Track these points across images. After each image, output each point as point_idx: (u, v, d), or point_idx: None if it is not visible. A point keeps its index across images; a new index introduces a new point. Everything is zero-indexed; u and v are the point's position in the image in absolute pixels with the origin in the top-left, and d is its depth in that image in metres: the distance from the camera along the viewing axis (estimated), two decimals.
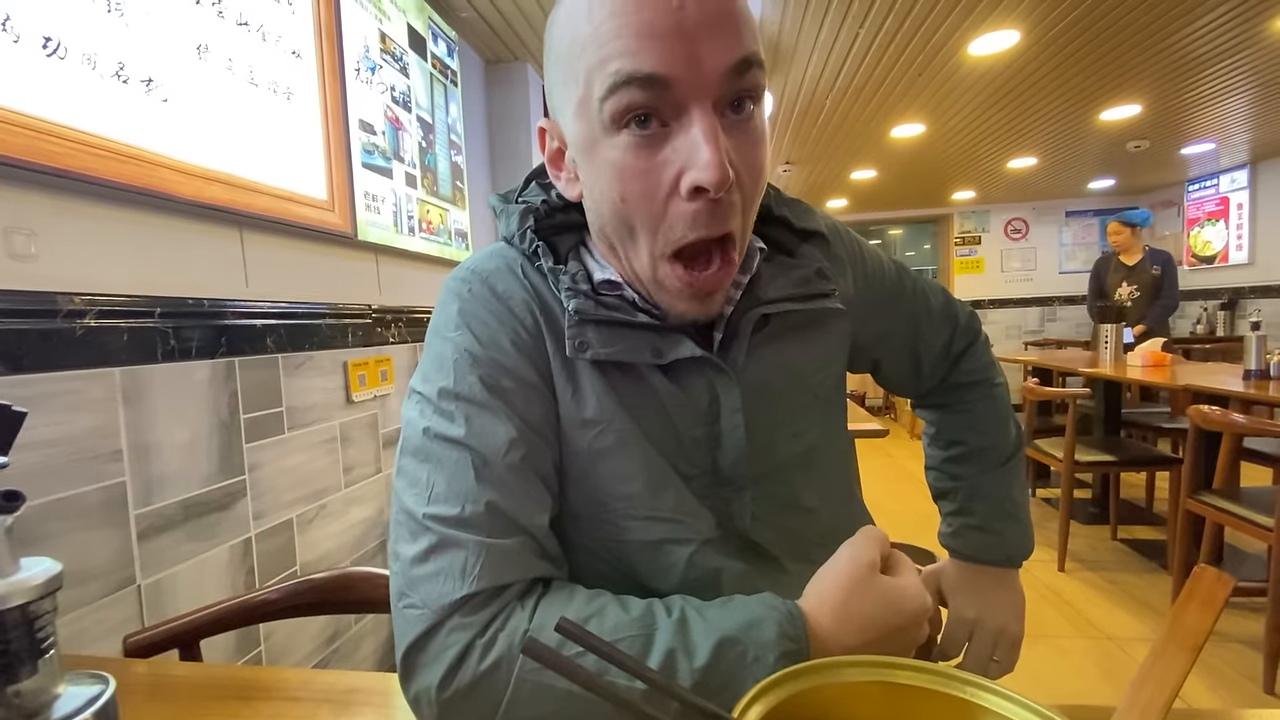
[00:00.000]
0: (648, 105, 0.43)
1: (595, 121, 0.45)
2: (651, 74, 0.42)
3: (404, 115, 1.83)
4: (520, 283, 0.53)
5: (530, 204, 0.56)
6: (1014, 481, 0.75)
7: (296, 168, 1.35)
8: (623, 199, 0.46)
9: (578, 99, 0.46)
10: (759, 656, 0.42)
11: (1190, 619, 0.34)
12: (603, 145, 0.46)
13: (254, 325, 1.25)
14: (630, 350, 0.50)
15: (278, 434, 1.31)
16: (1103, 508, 3.05)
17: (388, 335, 1.76)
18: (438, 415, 0.48)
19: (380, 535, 1.72)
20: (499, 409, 0.48)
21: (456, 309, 0.52)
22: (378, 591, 0.85)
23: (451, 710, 0.43)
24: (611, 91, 0.43)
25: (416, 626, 0.44)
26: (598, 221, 0.51)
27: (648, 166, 0.45)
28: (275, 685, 0.58)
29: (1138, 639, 2.06)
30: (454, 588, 0.43)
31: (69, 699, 0.26)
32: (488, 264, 0.54)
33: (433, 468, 0.47)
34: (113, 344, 0.96)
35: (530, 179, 0.60)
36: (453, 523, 0.45)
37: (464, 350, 0.50)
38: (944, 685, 0.39)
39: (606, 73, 0.43)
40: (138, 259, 1.03)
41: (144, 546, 1.01)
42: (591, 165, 0.47)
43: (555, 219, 0.56)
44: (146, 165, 0.99)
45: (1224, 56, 2.97)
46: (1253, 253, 5.14)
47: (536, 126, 0.53)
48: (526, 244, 0.53)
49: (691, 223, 0.45)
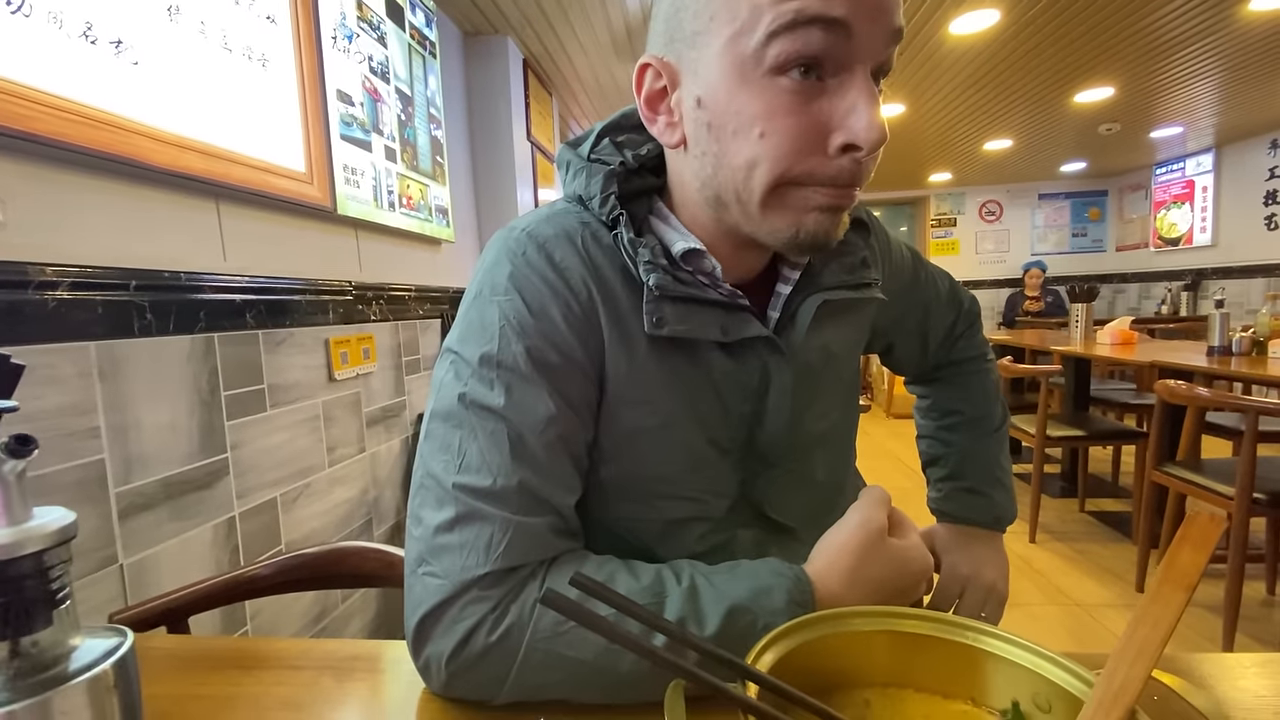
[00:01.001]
0: (821, 53, 0.41)
1: (748, 60, 0.42)
2: (840, 19, 0.40)
3: (382, 87, 1.78)
4: (579, 254, 0.50)
5: (610, 165, 0.52)
6: (1001, 450, 0.79)
7: (274, 138, 1.31)
8: (763, 137, 0.43)
9: (728, 34, 0.42)
10: (769, 624, 0.43)
11: (1184, 559, 0.35)
12: (751, 86, 0.43)
13: (233, 300, 1.22)
14: (700, 327, 0.49)
15: (259, 412, 1.29)
16: (1071, 481, 3.15)
17: (369, 313, 1.73)
18: (477, 381, 0.46)
19: (366, 514, 1.70)
20: (541, 384, 0.47)
21: (508, 272, 0.49)
22: (369, 565, 0.85)
23: (460, 679, 0.44)
24: (787, 29, 0.40)
25: (434, 596, 0.43)
26: (705, 171, 0.47)
27: (800, 115, 0.43)
28: (274, 654, 0.57)
29: (1105, 605, 2.14)
30: (477, 562, 0.43)
31: (86, 650, 0.26)
32: (545, 229, 0.51)
33: (466, 435, 0.45)
34: (87, 317, 0.93)
35: (603, 134, 0.55)
36: (482, 495, 0.44)
37: (512, 318, 0.47)
38: (948, 632, 0.40)
39: (785, 9, 0.40)
40: (111, 229, 1.00)
41: (125, 525, 0.99)
42: (726, 108, 0.44)
43: (631, 183, 0.53)
44: (119, 131, 0.95)
45: (1195, 40, 3.02)
46: (1215, 235, 5.30)
47: (637, 67, 0.49)
48: (607, 210, 0.50)
49: (835, 174, 0.44)
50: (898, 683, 0.41)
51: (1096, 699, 0.33)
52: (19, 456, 0.23)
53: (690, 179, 0.50)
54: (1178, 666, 0.51)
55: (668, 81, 0.48)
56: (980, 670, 0.39)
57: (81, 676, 0.24)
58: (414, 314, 1.98)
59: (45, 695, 0.23)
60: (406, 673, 0.54)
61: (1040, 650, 0.38)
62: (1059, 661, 0.37)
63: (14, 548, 0.23)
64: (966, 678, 0.40)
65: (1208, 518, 0.35)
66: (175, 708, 0.50)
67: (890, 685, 0.41)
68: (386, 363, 1.83)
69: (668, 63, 0.47)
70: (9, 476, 0.24)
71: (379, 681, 0.53)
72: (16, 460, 0.24)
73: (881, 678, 0.41)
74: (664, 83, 0.48)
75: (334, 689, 0.51)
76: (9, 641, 0.24)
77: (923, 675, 0.41)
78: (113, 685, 0.25)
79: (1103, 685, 0.33)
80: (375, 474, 1.75)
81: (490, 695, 0.44)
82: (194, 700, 0.51)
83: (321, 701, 0.50)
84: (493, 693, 0.44)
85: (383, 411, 1.80)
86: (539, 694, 0.44)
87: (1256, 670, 0.51)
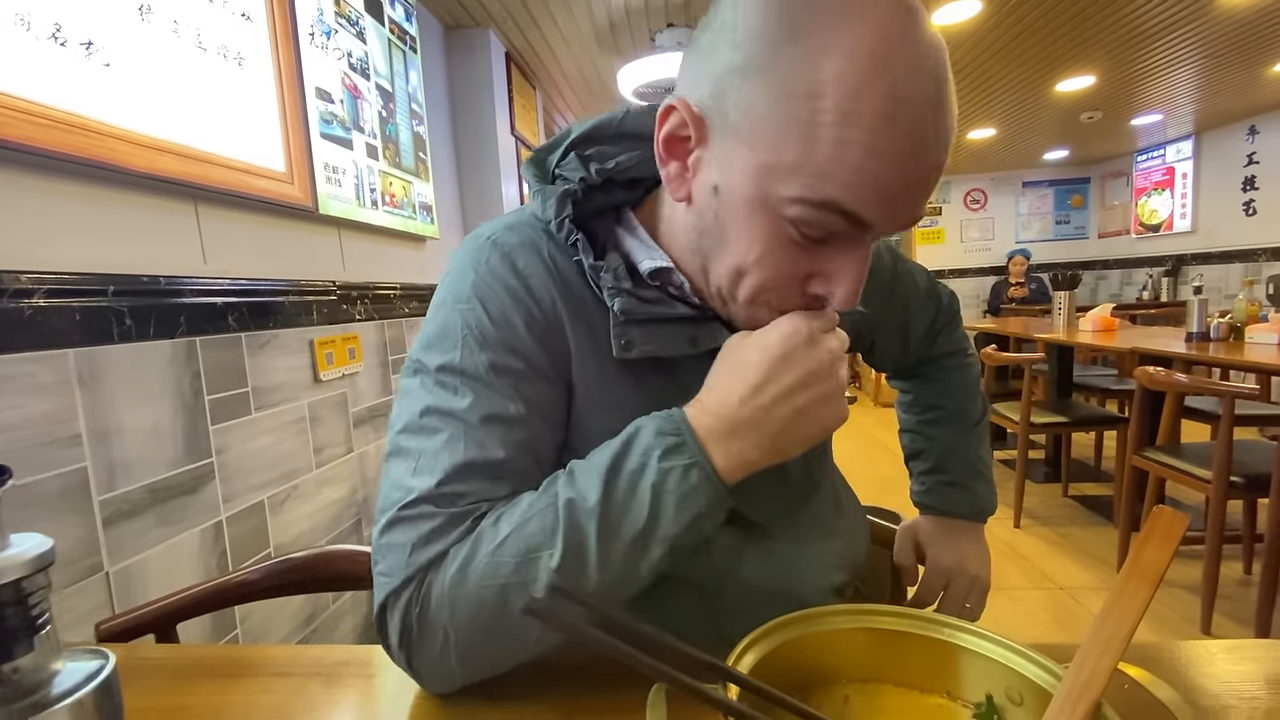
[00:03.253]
0: (829, 227, 0.42)
1: (769, 198, 0.41)
2: (859, 216, 0.40)
3: (362, 83, 1.76)
4: (543, 262, 0.50)
5: (569, 185, 0.51)
6: (982, 444, 0.80)
7: (252, 138, 1.30)
8: (757, 262, 0.44)
9: (764, 160, 0.41)
10: (644, 464, 0.42)
11: (1149, 555, 0.36)
12: (762, 217, 0.42)
13: (214, 303, 1.21)
14: (670, 344, 0.49)
15: (244, 415, 1.28)
16: (1054, 467, 3.19)
17: (354, 312, 1.71)
18: (440, 389, 0.47)
19: (355, 515, 1.70)
20: (505, 390, 0.47)
21: (471, 280, 0.49)
22: (358, 568, 0.85)
23: (415, 655, 0.45)
24: (809, 205, 0.40)
25: (382, 592, 0.45)
26: (701, 242, 0.47)
27: (797, 258, 0.44)
28: (262, 662, 0.58)
29: (1087, 588, 2.18)
30: (424, 556, 0.44)
31: (69, 675, 0.26)
32: (510, 237, 0.51)
33: (424, 439, 0.46)
34: (64, 324, 0.92)
35: (569, 148, 0.54)
36: (432, 497, 0.44)
37: (474, 326, 0.48)
38: (925, 629, 0.41)
39: (817, 188, 0.40)
40: (87, 235, 0.98)
41: (110, 533, 0.98)
42: (736, 216, 0.43)
43: (593, 200, 0.52)
44: (92, 135, 0.94)
45: (1174, 27, 3.05)
46: (1195, 221, 5.37)
47: (666, 105, 0.45)
48: (564, 234, 0.49)
49: (797, 304, 0.45)
50: (876, 678, 0.42)
51: (1064, 692, 0.34)
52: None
53: (684, 231, 0.49)
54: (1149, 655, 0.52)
55: (694, 136, 0.45)
56: (955, 665, 0.40)
57: (63, 702, 0.24)
58: (400, 312, 1.97)
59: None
60: (396, 677, 0.54)
61: (1012, 645, 0.39)
62: (1029, 656, 0.38)
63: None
64: (942, 672, 0.41)
65: (1171, 514, 0.36)
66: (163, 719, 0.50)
67: (869, 681, 0.42)
68: (372, 361, 1.82)
69: (701, 120, 0.44)
70: None
71: (368, 687, 0.53)
72: None
73: (860, 674, 0.42)
74: (689, 134, 0.45)
75: (322, 695, 0.52)
76: None
77: (900, 671, 0.42)
78: (95, 709, 0.25)
79: (1070, 679, 0.34)
80: (364, 474, 1.75)
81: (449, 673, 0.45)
82: (182, 711, 0.51)
83: (310, 708, 0.50)
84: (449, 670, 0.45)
85: (369, 411, 1.79)
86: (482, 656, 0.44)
87: (1225, 656, 0.52)
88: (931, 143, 0.39)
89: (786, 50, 0.39)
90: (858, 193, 0.39)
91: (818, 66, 0.38)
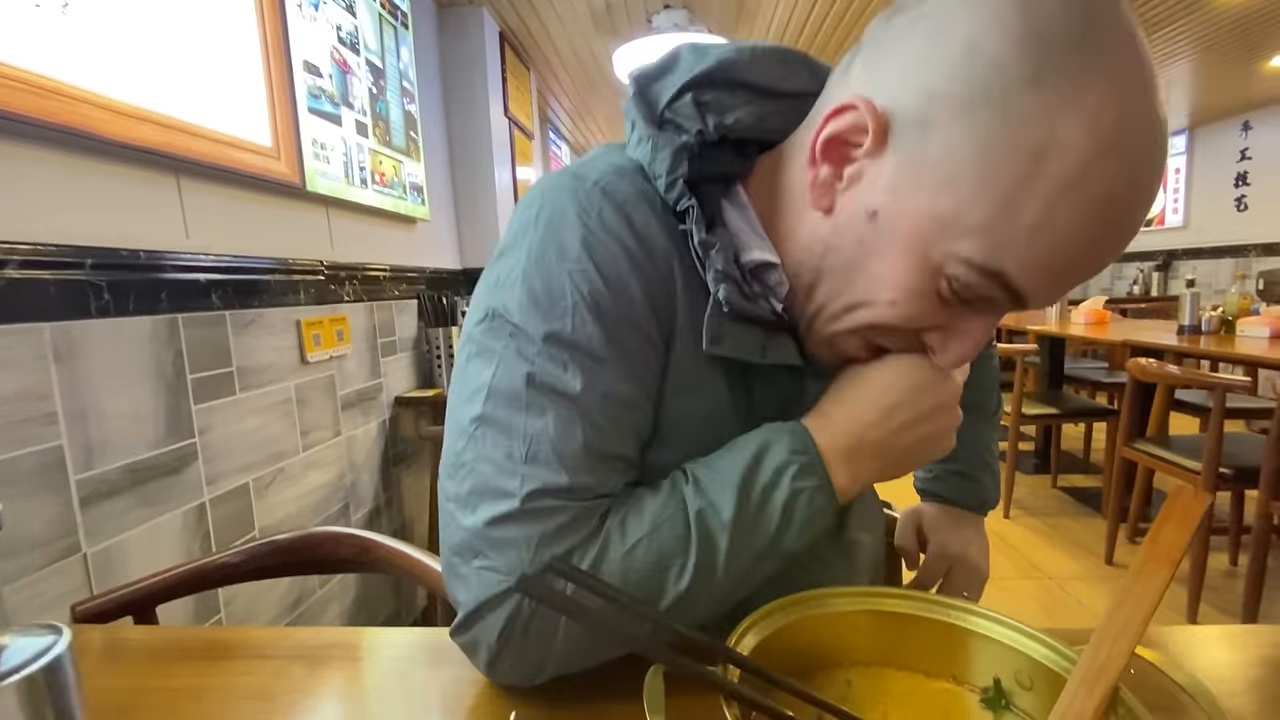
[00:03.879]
0: (985, 294, 0.39)
1: (932, 248, 0.38)
2: (1022, 292, 0.38)
3: (352, 58, 1.72)
4: (660, 220, 0.44)
5: (685, 137, 0.44)
6: (992, 435, 0.79)
7: (237, 110, 1.26)
8: (890, 304, 0.41)
9: (937, 208, 0.37)
10: (777, 482, 0.42)
11: (1168, 536, 0.35)
12: (914, 263, 0.39)
13: (197, 280, 1.17)
14: (745, 345, 0.45)
15: (229, 395, 1.25)
16: (1044, 458, 3.21)
17: (342, 293, 1.68)
18: (547, 361, 0.41)
19: (343, 499, 1.68)
20: (619, 369, 0.42)
21: (581, 235, 0.42)
22: (344, 551, 0.83)
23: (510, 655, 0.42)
24: (971, 267, 0.37)
25: (492, 588, 0.41)
26: (824, 262, 0.43)
27: (930, 312, 0.41)
28: (244, 643, 0.56)
29: (1076, 578, 2.20)
30: (545, 554, 0.40)
31: (14, 651, 0.24)
32: (624, 186, 0.44)
33: (533, 421, 0.41)
34: (39, 297, 0.89)
35: (686, 87, 0.46)
36: (552, 491, 0.40)
37: (586, 292, 0.42)
38: (931, 611, 0.40)
39: (995, 257, 0.37)
40: (62, 205, 0.95)
41: (88, 513, 0.95)
42: (885, 252, 0.40)
43: (704, 160, 0.45)
44: (66, 100, 0.90)
45: (1169, 21, 3.04)
46: (1187, 216, 5.39)
47: (844, 101, 0.40)
48: (674, 196, 0.44)
49: (900, 347, 0.44)
50: (880, 662, 0.40)
51: (1079, 675, 0.33)
52: None
53: (809, 238, 0.44)
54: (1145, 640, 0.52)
55: (870, 142, 0.39)
56: (962, 648, 0.39)
57: (8, 680, 0.22)
58: (389, 294, 1.94)
59: None
60: (384, 661, 0.53)
61: (1023, 628, 0.38)
62: (1041, 639, 0.37)
63: None
64: (948, 656, 0.39)
65: (1192, 494, 0.35)
66: (137, 699, 0.48)
67: (872, 664, 0.40)
68: (361, 345, 1.79)
69: (884, 127, 0.38)
70: None
71: (354, 670, 0.51)
72: None
73: (863, 657, 0.41)
74: (863, 139, 0.39)
75: (305, 677, 0.50)
76: None
77: (904, 654, 0.40)
78: (43, 690, 0.23)
79: (1086, 661, 0.33)
80: (351, 458, 1.72)
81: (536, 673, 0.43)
82: (157, 692, 0.49)
83: (292, 690, 0.48)
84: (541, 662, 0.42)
85: (358, 395, 1.77)
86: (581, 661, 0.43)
87: (1219, 642, 0.52)
88: (1123, 238, 0.37)
89: (1027, 98, 0.34)
90: (1032, 272, 0.37)
91: (1054, 126, 0.34)
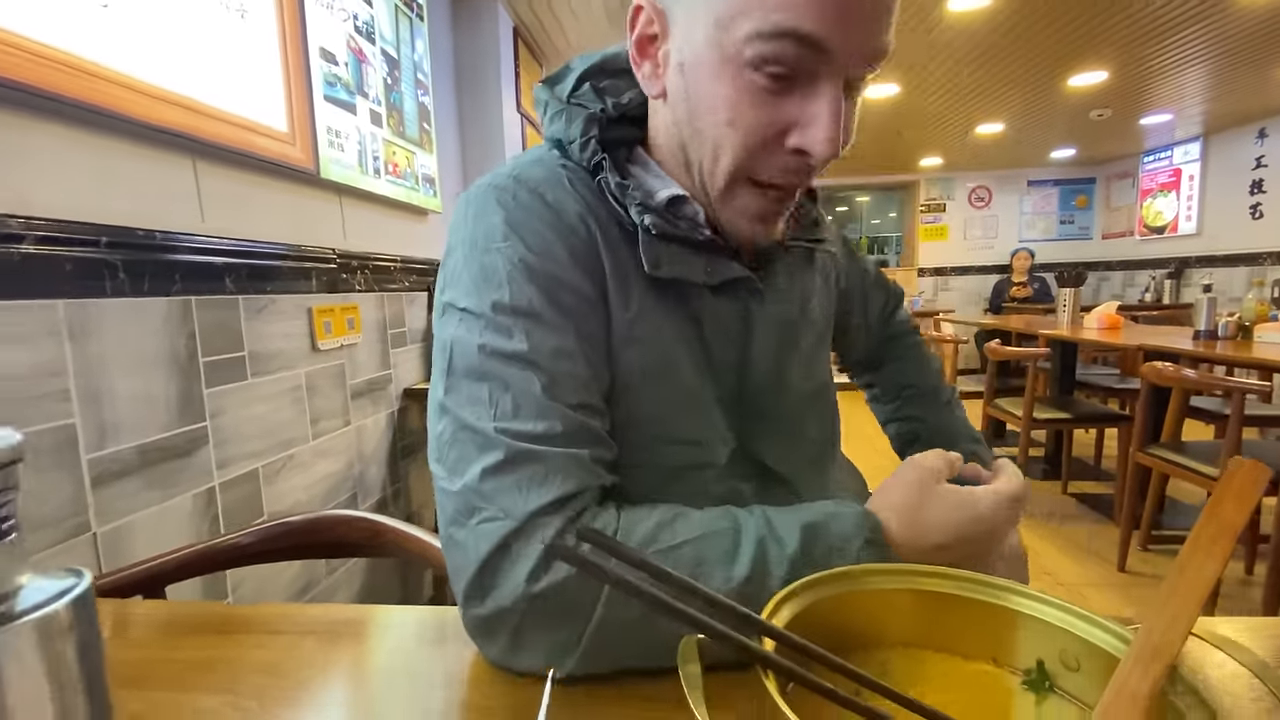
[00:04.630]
0: (794, 63, 0.42)
1: (727, 49, 0.43)
2: (815, 38, 0.40)
3: (368, 47, 1.72)
4: (571, 193, 0.50)
5: (589, 109, 0.52)
6: (964, 415, 0.80)
7: (254, 95, 1.25)
8: (730, 124, 0.45)
9: (714, 16, 0.43)
10: (844, 547, 0.42)
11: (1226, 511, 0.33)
12: (726, 74, 0.44)
13: (212, 263, 1.17)
14: (691, 269, 0.50)
15: (240, 380, 1.25)
16: (1055, 464, 3.18)
17: (354, 282, 1.68)
18: (494, 331, 0.45)
19: (352, 489, 1.67)
20: (560, 322, 0.46)
21: (502, 218, 0.48)
22: (355, 535, 0.82)
23: (540, 608, 0.40)
24: (761, 39, 0.41)
25: (494, 536, 0.41)
26: (680, 133, 0.49)
27: (769, 104, 0.44)
28: (255, 619, 0.55)
29: (1087, 585, 2.17)
30: (540, 494, 0.41)
31: (35, 590, 0.23)
32: (533, 171, 0.50)
33: (495, 385, 0.44)
34: (55, 273, 0.88)
35: (583, 78, 0.55)
36: (528, 437, 0.43)
37: (518, 261, 0.46)
38: (973, 590, 0.39)
39: (769, 17, 0.40)
40: (81, 182, 0.94)
41: (99, 493, 0.95)
42: (701, 83, 0.45)
43: (611, 132, 0.52)
44: (89, 77, 0.90)
45: (1189, 23, 3.01)
46: (1200, 223, 5.35)
47: (632, 6, 0.48)
48: (589, 154, 0.50)
49: (783, 172, 0.46)
50: (917, 643, 0.39)
51: (1134, 653, 0.31)
52: None
53: (669, 132, 0.50)
54: None
55: (659, 29, 0.47)
56: (1005, 629, 0.37)
57: (28, 617, 0.21)
58: (399, 285, 1.93)
59: None
60: (394, 638, 0.52)
61: (1071, 607, 0.36)
62: (1092, 618, 0.35)
63: None
64: (989, 637, 0.38)
65: (1252, 465, 0.34)
66: (147, 671, 0.47)
67: (910, 645, 0.39)
68: (372, 335, 1.79)
69: (660, 10, 0.47)
70: None
71: (364, 646, 0.51)
72: None
73: (899, 638, 0.39)
74: (655, 29, 0.47)
75: (316, 652, 0.49)
76: None
77: (943, 635, 0.39)
78: (68, 627, 0.22)
79: (1141, 640, 0.31)
80: (361, 448, 1.72)
81: (565, 647, 0.41)
82: (167, 664, 0.48)
83: (303, 664, 0.47)
84: (569, 642, 0.40)
85: (368, 384, 1.76)
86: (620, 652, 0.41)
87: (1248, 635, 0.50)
88: None
89: None
90: (807, 11, 0.40)
91: None
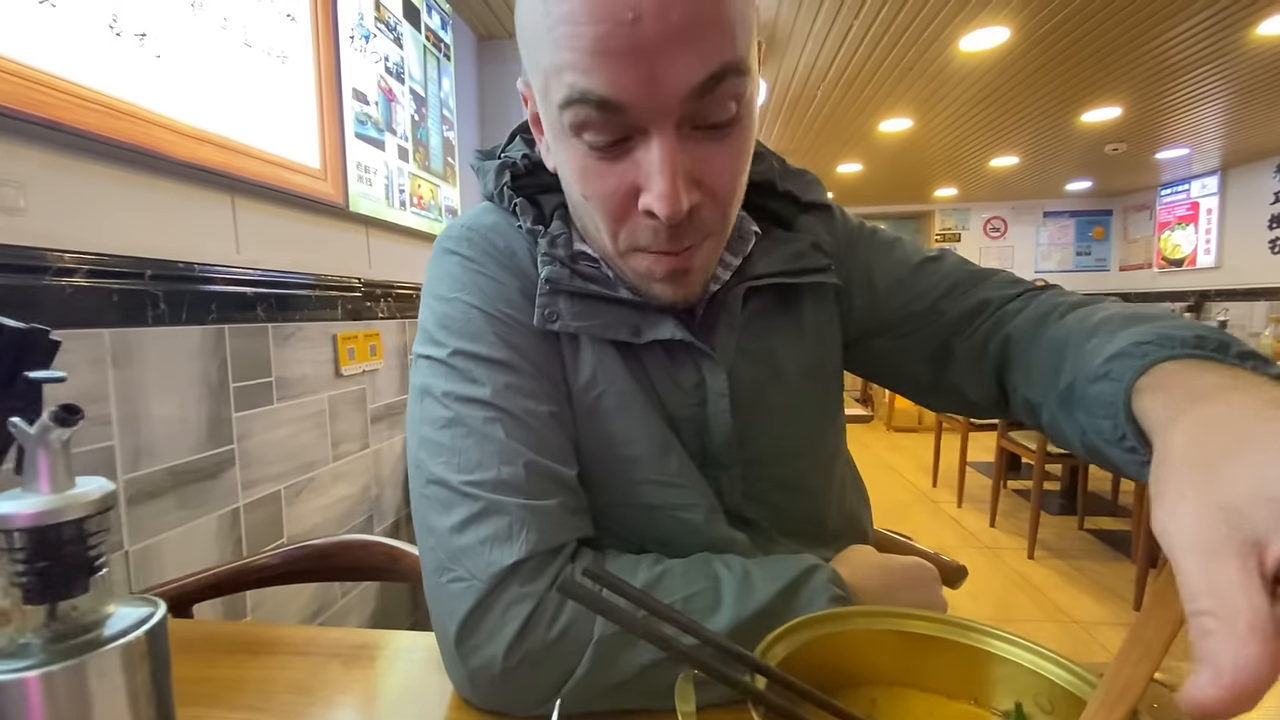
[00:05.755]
0: (603, 125, 0.40)
1: (555, 119, 0.42)
2: (604, 98, 0.38)
3: (397, 87, 1.80)
4: (519, 239, 0.52)
5: (510, 159, 0.54)
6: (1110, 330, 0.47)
7: (290, 134, 1.33)
8: (584, 196, 0.44)
9: (539, 88, 0.43)
10: (812, 600, 0.45)
11: None
12: (563, 143, 0.43)
13: (244, 293, 1.23)
14: (606, 326, 0.48)
15: (267, 404, 1.30)
16: (1070, 499, 3.14)
17: (377, 310, 1.74)
18: (457, 377, 0.46)
19: (368, 511, 1.71)
20: (520, 364, 0.47)
21: (458, 266, 0.50)
22: (374, 559, 0.85)
23: (515, 681, 0.41)
24: (567, 104, 0.40)
25: (466, 600, 0.41)
26: (568, 201, 0.49)
27: (609, 172, 0.42)
28: (280, 640, 0.58)
29: (1102, 623, 2.14)
30: (503, 554, 0.41)
31: (120, 618, 0.26)
32: (483, 219, 0.53)
33: (459, 432, 0.44)
34: (102, 305, 0.94)
35: (516, 133, 0.58)
36: (490, 486, 0.43)
37: (474, 308, 0.48)
38: (954, 634, 0.41)
39: (561, 82, 0.40)
40: (128, 219, 1.01)
41: (132, 513, 0.99)
42: (560, 158, 0.46)
43: (540, 177, 0.53)
44: (139, 122, 0.97)
45: (1204, 62, 3.04)
46: (1219, 257, 5.31)
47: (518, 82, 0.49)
48: (505, 201, 0.52)
49: (652, 237, 0.44)
50: (903, 682, 0.41)
51: (1099, 697, 0.33)
52: (65, 425, 0.24)
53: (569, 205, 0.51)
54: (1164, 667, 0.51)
55: (531, 104, 0.48)
56: (984, 671, 0.40)
57: (116, 642, 0.25)
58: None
59: (81, 659, 0.24)
60: (414, 662, 0.55)
61: (1043, 651, 0.38)
62: (1062, 662, 0.37)
63: (57, 514, 0.24)
64: (971, 678, 0.40)
65: None
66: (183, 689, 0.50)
67: (896, 684, 0.41)
68: (392, 361, 1.84)
69: (529, 86, 0.46)
70: (55, 444, 0.25)
71: (386, 670, 0.54)
72: (63, 428, 0.24)
73: (887, 677, 0.41)
74: (532, 106, 0.48)
75: (341, 674, 0.52)
76: (48, 605, 0.24)
77: (927, 675, 0.41)
78: (145, 652, 0.25)
79: (1106, 683, 0.34)
80: (378, 472, 1.76)
81: (543, 703, 0.41)
82: (202, 682, 0.51)
83: (329, 686, 0.50)
84: (546, 700, 0.41)
85: (387, 409, 1.81)
86: (605, 700, 0.41)
87: None
88: None
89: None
90: (586, 72, 0.38)
91: None
